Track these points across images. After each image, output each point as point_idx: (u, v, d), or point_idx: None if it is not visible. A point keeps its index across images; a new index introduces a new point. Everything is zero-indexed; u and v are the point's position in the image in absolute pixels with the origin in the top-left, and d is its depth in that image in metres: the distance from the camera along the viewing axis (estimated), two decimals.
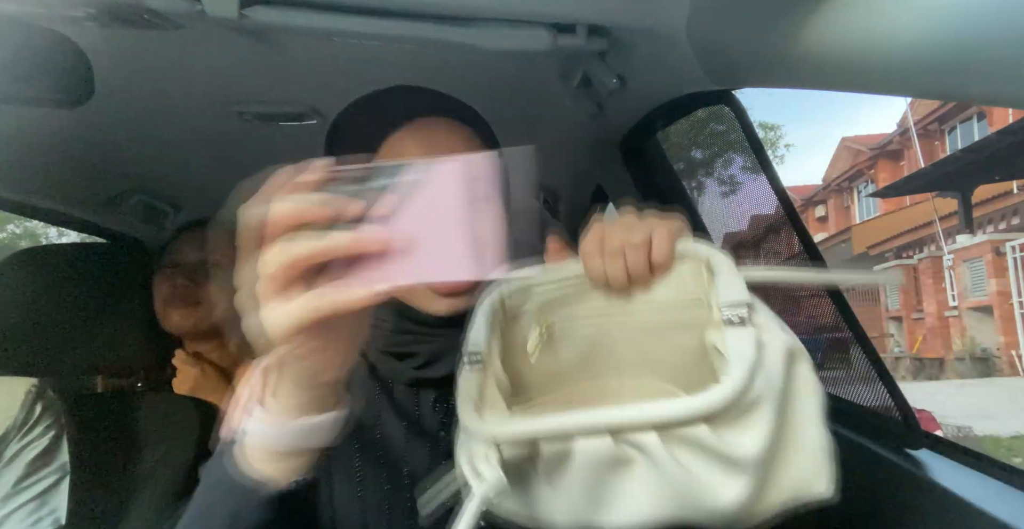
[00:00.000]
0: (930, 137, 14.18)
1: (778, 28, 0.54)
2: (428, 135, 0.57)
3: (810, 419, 0.41)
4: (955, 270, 9.70)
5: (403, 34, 0.71)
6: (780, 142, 15.70)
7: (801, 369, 0.41)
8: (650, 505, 0.39)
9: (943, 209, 10.68)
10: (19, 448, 0.83)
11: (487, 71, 0.96)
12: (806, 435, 0.41)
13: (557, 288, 0.49)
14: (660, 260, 0.45)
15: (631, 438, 0.38)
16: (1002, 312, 8.86)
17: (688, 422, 0.38)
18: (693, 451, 0.38)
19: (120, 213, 1.41)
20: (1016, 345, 8.69)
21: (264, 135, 1.16)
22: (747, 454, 0.38)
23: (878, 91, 0.50)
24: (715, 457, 0.38)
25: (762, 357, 0.39)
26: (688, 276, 0.46)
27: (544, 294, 0.49)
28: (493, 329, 0.48)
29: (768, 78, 0.65)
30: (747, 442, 0.38)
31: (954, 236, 10.25)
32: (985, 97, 0.43)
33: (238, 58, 0.88)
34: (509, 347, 0.49)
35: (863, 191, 17.46)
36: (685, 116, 0.98)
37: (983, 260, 9.13)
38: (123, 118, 1.05)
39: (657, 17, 0.68)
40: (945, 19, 0.38)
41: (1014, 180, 9.93)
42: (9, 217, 12.73)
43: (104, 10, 0.69)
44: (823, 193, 19.11)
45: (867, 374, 0.75)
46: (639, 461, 0.39)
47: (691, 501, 0.38)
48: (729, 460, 0.38)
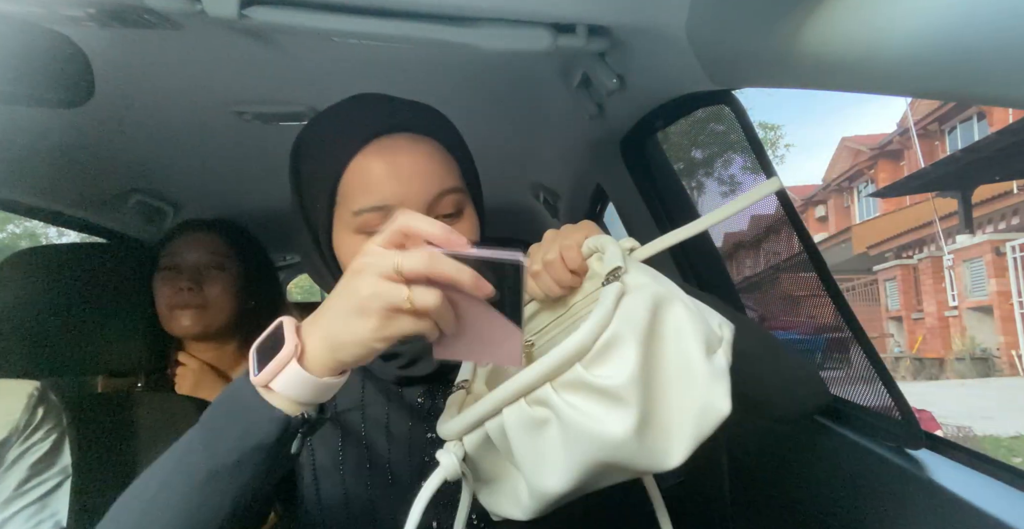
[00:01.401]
0: (930, 137, 14.18)
1: (778, 28, 0.54)
2: (391, 155, 0.59)
3: (683, 351, 0.46)
4: (955, 270, 9.69)
5: (403, 34, 0.71)
6: (780, 142, 15.72)
7: (669, 314, 0.47)
8: (568, 454, 0.43)
9: (943, 209, 10.68)
10: (21, 451, 0.83)
11: (487, 71, 0.96)
12: (683, 365, 0.45)
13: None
14: (574, 265, 0.54)
15: (537, 396, 0.44)
16: (1002, 312, 8.85)
17: (565, 366, 0.43)
18: (577, 391, 0.43)
19: (120, 213, 1.41)
20: (1016, 345, 8.68)
21: (264, 135, 1.16)
22: (616, 382, 0.42)
23: (878, 91, 0.50)
24: (594, 392, 0.43)
25: (623, 303, 0.45)
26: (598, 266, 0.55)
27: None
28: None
29: (768, 78, 0.65)
30: (614, 372, 0.43)
31: (954, 236, 10.25)
32: (985, 97, 0.43)
33: (238, 58, 0.88)
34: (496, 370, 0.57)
35: (863, 191, 17.46)
36: (685, 116, 0.98)
37: (983, 260, 9.12)
38: (123, 118, 1.05)
39: (657, 17, 0.68)
40: (945, 19, 0.38)
41: (1014, 180, 9.93)
42: (9, 217, 12.74)
43: (104, 10, 0.69)
44: (823, 193, 19.11)
45: (867, 374, 0.75)
46: (552, 419, 0.44)
47: (591, 440, 0.43)
48: (605, 392, 0.43)
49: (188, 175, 1.36)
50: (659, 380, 0.45)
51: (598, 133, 1.14)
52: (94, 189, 1.32)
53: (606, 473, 0.45)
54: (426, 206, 0.59)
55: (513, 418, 0.45)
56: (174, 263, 1.12)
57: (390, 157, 0.58)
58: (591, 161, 1.28)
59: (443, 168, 0.61)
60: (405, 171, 0.58)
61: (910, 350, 10.54)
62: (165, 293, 1.10)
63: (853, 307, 0.77)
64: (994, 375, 8.79)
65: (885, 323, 11.34)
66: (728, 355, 0.47)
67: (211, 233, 1.16)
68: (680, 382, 0.45)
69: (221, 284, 1.13)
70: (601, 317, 0.44)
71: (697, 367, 0.45)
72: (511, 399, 0.45)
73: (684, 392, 0.45)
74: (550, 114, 1.14)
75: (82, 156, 1.17)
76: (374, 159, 0.58)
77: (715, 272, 1.11)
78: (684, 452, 0.44)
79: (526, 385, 0.44)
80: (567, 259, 0.54)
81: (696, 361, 0.45)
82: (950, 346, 9.63)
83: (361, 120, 0.61)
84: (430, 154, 0.60)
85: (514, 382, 0.44)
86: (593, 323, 0.43)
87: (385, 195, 0.57)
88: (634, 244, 0.56)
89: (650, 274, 0.50)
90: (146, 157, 1.22)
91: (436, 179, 0.59)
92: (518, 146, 1.36)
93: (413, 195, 0.58)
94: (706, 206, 1.19)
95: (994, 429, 5.52)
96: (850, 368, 0.79)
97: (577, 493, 0.46)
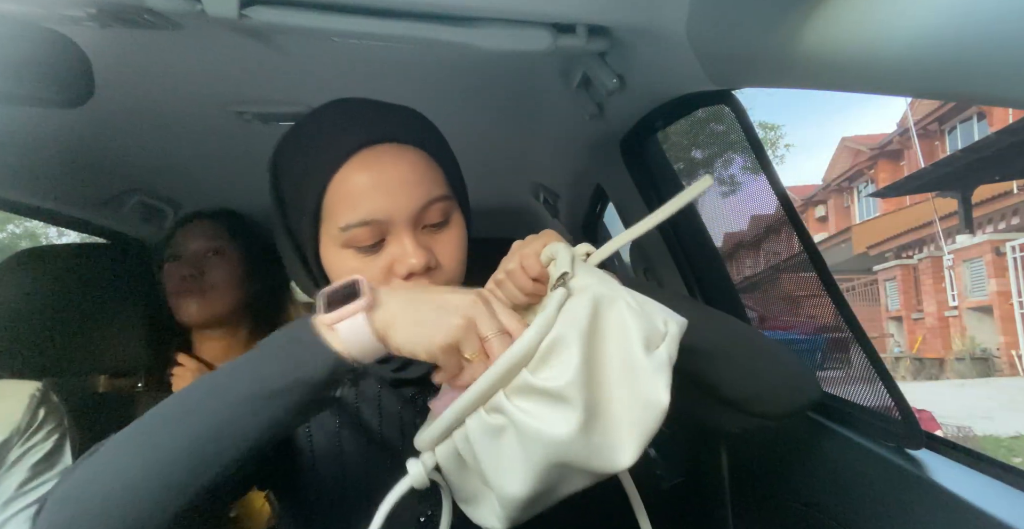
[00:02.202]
0: (930, 137, 14.18)
1: (778, 28, 0.54)
2: (376, 167, 0.58)
3: (624, 348, 0.47)
4: (955, 270, 9.69)
5: (403, 34, 0.71)
6: (780, 142, 15.68)
7: (610, 312, 0.48)
8: (525, 458, 0.44)
9: (943, 209, 10.68)
10: (22, 452, 0.83)
11: (487, 71, 0.96)
12: (624, 362, 0.46)
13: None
14: (533, 273, 0.55)
15: (493, 403, 0.45)
16: (1002, 312, 8.85)
17: (513, 372, 0.45)
18: (526, 395, 0.45)
19: (120, 213, 1.41)
20: (1016, 345, 8.68)
21: (264, 135, 1.16)
22: (559, 383, 0.44)
23: (878, 91, 0.50)
24: (540, 395, 0.44)
25: (567, 307, 0.47)
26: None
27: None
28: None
29: (768, 78, 0.65)
30: (558, 373, 0.44)
31: (954, 236, 10.24)
32: (985, 97, 0.43)
33: (238, 58, 0.88)
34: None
35: (863, 191, 17.45)
36: (685, 116, 0.98)
37: (983, 260, 9.12)
38: (123, 118, 1.05)
39: (657, 17, 0.68)
40: (945, 19, 0.38)
41: (1014, 180, 9.93)
42: (9, 217, 12.74)
43: (104, 10, 0.69)
44: (823, 193, 19.11)
45: (867, 374, 0.75)
46: (506, 424, 0.45)
47: (543, 442, 0.44)
48: (550, 394, 0.44)
49: (188, 175, 1.36)
50: (602, 378, 0.46)
51: (598, 133, 1.14)
52: (94, 189, 1.32)
53: (566, 475, 0.46)
54: (414, 217, 0.59)
55: (474, 426, 0.46)
56: (176, 253, 1.15)
57: (376, 170, 0.58)
58: (591, 161, 1.28)
59: (429, 177, 0.60)
60: (391, 184, 0.58)
61: (910, 350, 10.54)
62: (172, 281, 1.12)
63: (853, 307, 0.77)
64: (994, 375, 8.79)
65: (885, 323, 11.34)
66: (671, 350, 0.48)
67: (209, 221, 1.19)
68: (622, 378, 0.46)
69: (222, 269, 1.15)
70: (542, 321, 0.46)
71: (638, 362, 0.46)
72: (471, 408, 0.46)
73: (626, 388, 0.46)
74: (550, 114, 1.14)
75: (82, 156, 1.17)
76: (359, 173, 0.57)
77: (715, 272, 1.11)
78: (634, 449, 0.45)
79: (481, 393, 0.45)
80: (526, 267, 0.55)
81: (637, 356, 0.46)
82: (950, 346, 9.63)
83: (343, 131, 0.59)
84: (415, 164, 0.60)
85: (471, 392, 0.46)
86: (535, 328, 0.45)
87: (372, 210, 0.57)
88: (590, 249, 0.58)
89: (596, 276, 0.52)
90: (146, 157, 1.22)
91: (423, 190, 0.59)
92: (518, 146, 1.36)
93: (400, 208, 0.58)
94: (706, 206, 1.19)
95: (994, 429, 5.52)
96: (850, 368, 0.79)
97: (547, 499, 0.47)
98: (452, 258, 0.62)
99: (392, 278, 0.59)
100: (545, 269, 0.56)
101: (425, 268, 0.59)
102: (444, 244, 0.62)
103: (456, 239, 0.63)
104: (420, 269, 0.58)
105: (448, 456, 0.49)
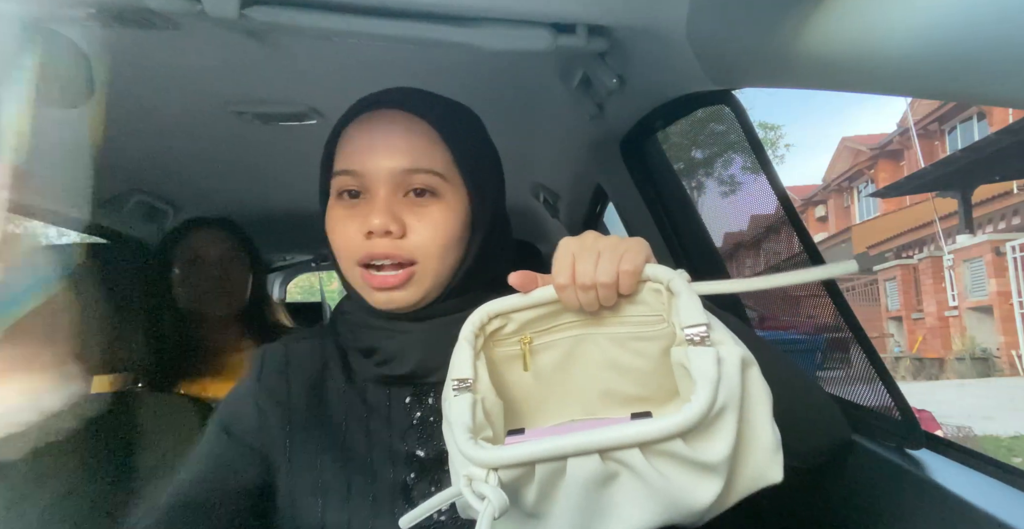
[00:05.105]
0: (930, 137, 14.18)
1: (778, 28, 0.54)
2: (373, 126, 0.61)
3: (763, 417, 0.46)
4: (955, 270, 9.68)
5: (403, 34, 0.71)
6: (780, 142, 15.71)
7: (752, 375, 0.46)
8: (638, 512, 0.44)
9: (943, 209, 10.67)
10: None
11: (487, 71, 0.96)
12: (761, 431, 0.46)
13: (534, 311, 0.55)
14: (627, 292, 0.51)
15: (617, 456, 0.43)
16: (1002, 312, 8.85)
17: (666, 438, 0.42)
18: (671, 462, 0.43)
19: (120, 213, 1.41)
20: (1016, 345, 8.68)
21: (264, 135, 1.16)
22: (717, 458, 0.43)
23: (878, 91, 0.50)
24: (690, 465, 0.43)
25: (722, 371, 0.44)
26: (649, 294, 0.52)
27: (521, 316, 0.55)
28: (477, 355, 0.52)
29: (768, 78, 0.65)
30: (717, 448, 0.43)
31: (954, 236, 10.24)
32: (985, 97, 0.43)
33: (238, 58, 0.88)
34: (494, 370, 0.54)
35: (863, 191, 17.45)
36: (685, 116, 0.98)
37: (983, 260, 9.11)
38: (123, 118, 1.05)
39: (657, 17, 0.68)
40: (945, 19, 0.38)
41: (1014, 180, 9.93)
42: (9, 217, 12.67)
43: (104, 10, 0.69)
44: (823, 193, 19.11)
45: (867, 374, 0.75)
46: (625, 474, 0.44)
47: (672, 504, 0.43)
48: (703, 465, 0.43)
49: (188, 175, 1.36)
50: (739, 444, 0.45)
51: (598, 133, 1.14)
52: (94, 189, 1.32)
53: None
54: (393, 179, 0.59)
55: (581, 470, 0.43)
56: (197, 256, 1.24)
57: (370, 127, 0.61)
58: (591, 161, 1.28)
59: (421, 147, 0.60)
60: (378, 142, 0.60)
61: (910, 350, 10.54)
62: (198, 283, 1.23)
63: (853, 307, 0.77)
64: (994, 375, 8.79)
65: (885, 323, 11.34)
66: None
67: (224, 230, 1.30)
68: (752, 445, 0.45)
69: (238, 269, 1.30)
70: (709, 395, 0.42)
71: (765, 435, 0.45)
72: (583, 451, 0.43)
73: (751, 454, 0.45)
74: (550, 114, 1.14)
75: (82, 156, 1.17)
76: (359, 129, 0.62)
77: (715, 272, 1.11)
78: (721, 509, 0.45)
79: (611, 443, 0.42)
80: (623, 286, 0.51)
81: (766, 428, 0.45)
82: (950, 346, 9.63)
83: (364, 98, 0.64)
84: (410, 130, 0.61)
85: (593, 436, 0.42)
86: (703, 401, 0.42)
87: (355, 161, 0.60)
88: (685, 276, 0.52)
89: (721, 327, 0.48)
90: (146, 157, 1.23)
91: (408, 156, 0.59)
92: (518, 146, 1.36)
93: (380, 167, 0.59)
94: (706, 206, 1.19)
95: (994, 429, 5.52)
96: (850, 368, 0.79)
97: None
98: (425, 236, 0.59)
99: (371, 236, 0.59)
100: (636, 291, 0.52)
101: (384, 232, 0.58)
102: (420, 218, 0.59)
103: (437, 219, 0.60)
104: (379, 230, 0.57)
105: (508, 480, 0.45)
